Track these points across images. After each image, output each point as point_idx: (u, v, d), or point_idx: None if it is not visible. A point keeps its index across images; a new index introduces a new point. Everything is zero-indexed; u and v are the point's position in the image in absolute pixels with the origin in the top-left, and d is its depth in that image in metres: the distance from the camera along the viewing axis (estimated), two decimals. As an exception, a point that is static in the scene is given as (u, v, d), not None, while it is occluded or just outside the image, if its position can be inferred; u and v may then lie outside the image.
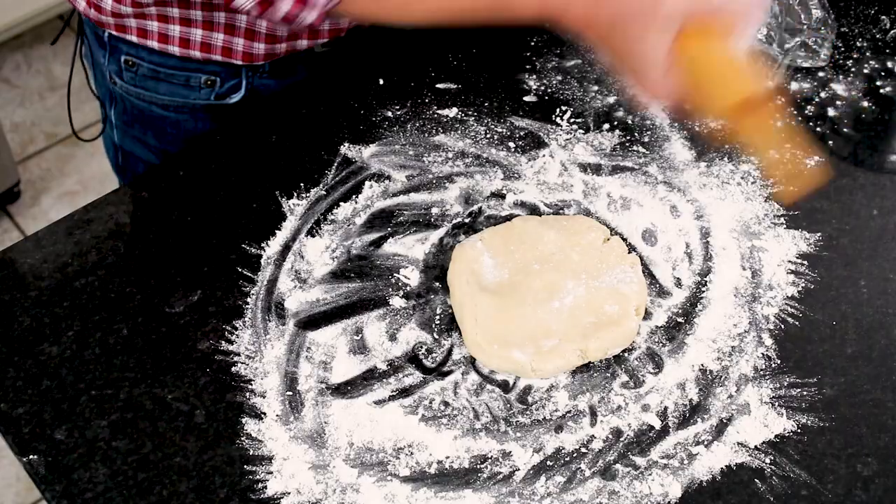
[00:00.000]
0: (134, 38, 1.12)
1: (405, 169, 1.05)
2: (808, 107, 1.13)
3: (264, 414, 0.88)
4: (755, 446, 0.87)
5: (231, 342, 0.92)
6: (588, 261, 0.96)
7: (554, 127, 1.10)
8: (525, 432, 0.87)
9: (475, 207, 1.02)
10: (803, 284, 0.98)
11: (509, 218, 1.01)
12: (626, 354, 0.92)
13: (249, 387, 0.89)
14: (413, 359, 0.92)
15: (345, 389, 0.89)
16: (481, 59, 1.16)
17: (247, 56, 1.12)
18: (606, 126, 1.10)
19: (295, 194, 1.03)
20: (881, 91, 1.15)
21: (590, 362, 0.91)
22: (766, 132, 0.88)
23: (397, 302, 0.95)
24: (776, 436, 0.87)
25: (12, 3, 2.44)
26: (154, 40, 1.12)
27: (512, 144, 1.08)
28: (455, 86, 1.13)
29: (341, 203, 1.02)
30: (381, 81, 1.13)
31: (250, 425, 0.87)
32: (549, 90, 1.13)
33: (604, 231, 0.99)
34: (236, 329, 0.93)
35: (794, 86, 1.15)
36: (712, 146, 1.09)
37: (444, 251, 0.99)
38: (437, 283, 0.97)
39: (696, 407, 0.89)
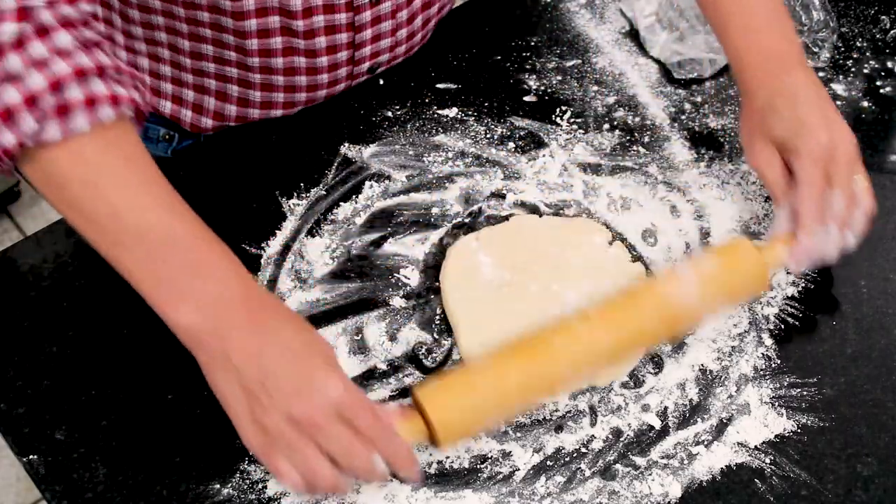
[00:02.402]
0: None
1: (405, 169, 1.05)
2: (808, 107, 1.13)
3: (264, 414, 0.87)
4: (755, 446, 0.87)
5: (231, 342, 0.92)
6: (590, 268, 0.95)
7: (554, 127, 1.10)
8: (525, 432, 0.87)
9: (475, 207, 1.02)
10: (803, 284, 0.98)
11: (509, 218, 1.01)
12: (626, 354, 0.92)
13: (249, 387, 0.89)
14: (413, 359, 0.92)
15: (345, 389, 0.89)
16: (481, 59, 1.16)
17: (195, 127, 1.11)
18: (606, 126, 1.10)
19: (295, 194, 1.03)
20: (881, 91, 1.15)
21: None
22: None
23: (397, 302, 0.95)
24: (776, 436, 0.87)
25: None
26: None
27: (512, 144, 1.08)
28: (455, 86, 1.13)
29: (341, 203, 1.02)
30: (381, 81, 1.13)
31: (250, 425, 0.87)
32: (549, 90, 1.13)
33: (606, 234, 0.99)
34: (236, 329, 0.93)
35: (794, 86, 1.15)
36: (712, 146, 1.09)
37: (444, 251, 0.99)
38: (437, 283, 0.96)
39: (696, 407, 0.89)
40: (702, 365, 0.92)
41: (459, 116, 1.10)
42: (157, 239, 0.78)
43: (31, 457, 0.85)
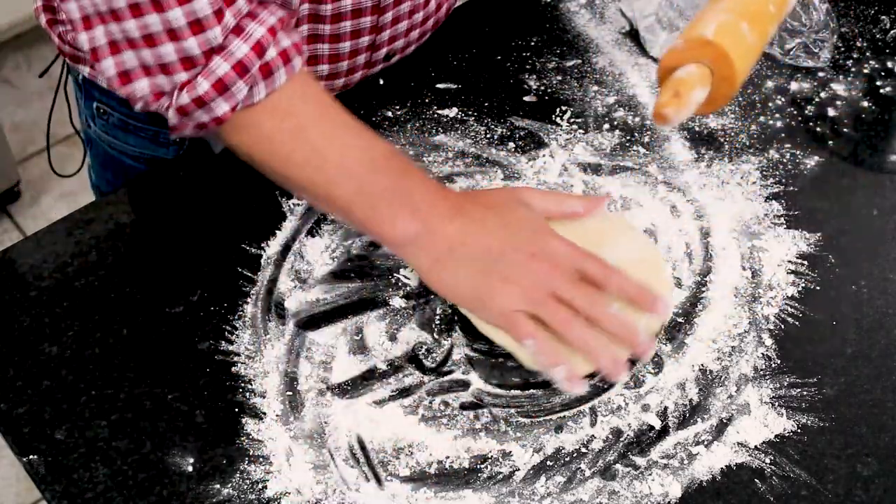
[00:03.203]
0: (104, 83, 1.10)
1: (405, 169, 1.05)
2: (808, 107, 1.13)
3: (264, 414, 0.88)
4: (755, 446, 0.87)
5: (231, 342, 0.92)
6: (593, 237, 0.96)
7: (554, 127, 1.10)
8: (525, 432, 0.87)
9: (475, 207, 1.02)
10: (803, 284, 0.98)
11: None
12: (626, 354, 0.93)
13: (249, 387, 0.89)
14: (413, 359, 0.92)
15: (345, 389, 0.90)
16: (481, 59, 1.16)
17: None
18: (606, 126, 1.10)
19: (295, 194, 1.03)
20: (881, 91, 1.15)
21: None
22: None
23: (397, 302, 0.95)
24: (776, 436, 0.87)
25: (13, 2, 2.44)
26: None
27: (512, 144, 1.08)
28: (455, 86, 1.13)
29: (341, 203, 1.02)
30: (381, 81, 1.13)
31: (250, 425, 0.87)
32: (549, 90, 1.13)
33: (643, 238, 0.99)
34: (236, 329, 0.93)
35: (793, 86, 1.15)
36: (712, 146, 1.09)
37: (444, 251, 0.99)
38: (437, 283, 0.96)
39: (696, 407, 0.89)
40: (702, 365, 0.92)
41: (459, 116, 1.10)
42: (362, 170, 0.86)
43: (31, 457, 0.85)
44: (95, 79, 1.11)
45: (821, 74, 1.16)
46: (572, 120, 1.10)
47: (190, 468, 0.85)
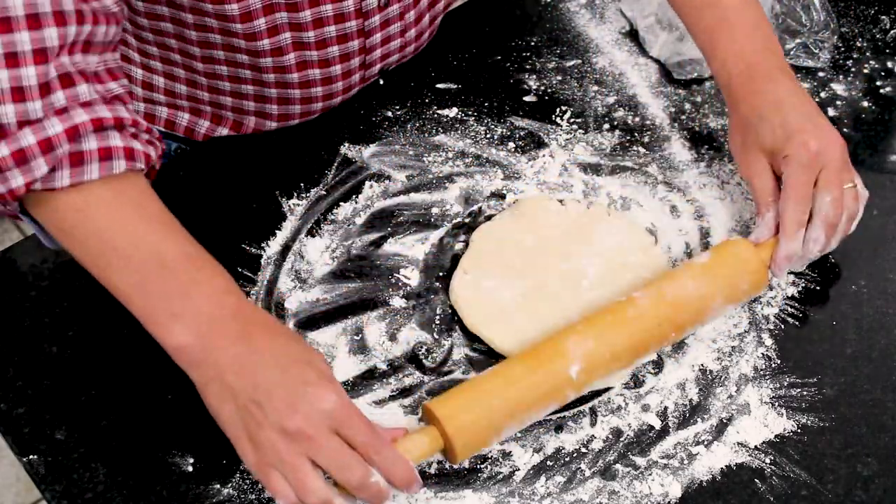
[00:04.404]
0: None
1: (405, 169, 1.05)
2: (808, 107, 1.13)
3: (264, 414, 0.87)
4: (755, 446, 0.87)
5: (231, 342, 0.92)
6: (605, 244, 0.97)
7: (554, 127, 1.10)
8: (525, 432, 0.87)
9: (475, 207, 1.02)
10: (803, 284, 0.98)
11: (509, 218, 1.01)
12: (626, 354, 0.93)
13: (249, 387, 0.89)
14: (413, 359, 0.92)
15: (345, 389, 0.89)
16: (481, 59, 1.16)
17: (208, 137, 1.11)
18: (606, 126, 1.10)
19: (295, 194, 1.03)
20: (881, 91, 1.15)
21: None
22: None
23: (397, 302, 0.95)
24: (776, 436, 0.87)
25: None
26: None
27: (512, 144, 1.08)
28: (455, 86, 1.13)
29: (341, 203, 1.02)
30: (381, 81, 1.13)
31: (250, 425, 0.87)
32: (549, 90, 1.13)
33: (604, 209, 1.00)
34: (236, 329, 0.93)
35: (794, 86, 1.15)
36: (712, 146, 1.09)
37: (444, 251, 0.99)
38: (438, 283, 0.96)
39: (696, 407, 0.89)
40: (702, 365, 0.92)
41: (459, 116, 1.10)
42: (147, 260, 0.79)
43: (31, 457, 0.85)
44: None
45: (821, 74, 1.16)
46: (572, 120, 1.10)
47: (190, 468, 0.85)
